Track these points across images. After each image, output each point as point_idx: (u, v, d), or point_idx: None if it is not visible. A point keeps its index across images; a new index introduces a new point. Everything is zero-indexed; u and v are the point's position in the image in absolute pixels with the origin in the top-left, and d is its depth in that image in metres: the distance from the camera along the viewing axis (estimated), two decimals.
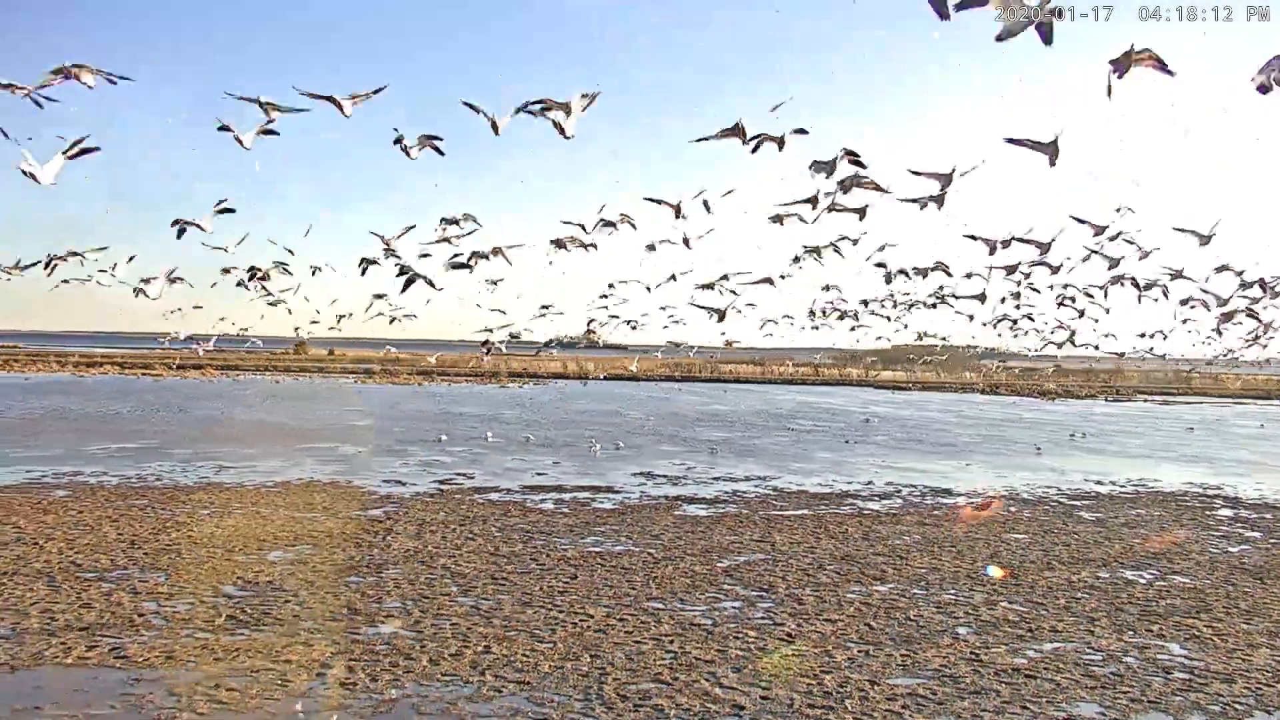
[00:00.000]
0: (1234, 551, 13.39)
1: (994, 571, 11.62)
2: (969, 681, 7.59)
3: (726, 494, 17.13)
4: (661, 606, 9.56)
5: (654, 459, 21.99)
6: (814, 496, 17.12)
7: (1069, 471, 22.00)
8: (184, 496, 15.12)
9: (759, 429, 31.03)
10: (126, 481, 16.58)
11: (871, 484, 18.95)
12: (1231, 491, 19.57)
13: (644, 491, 17.14)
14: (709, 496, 16.77)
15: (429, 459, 20.81)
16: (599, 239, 14.92)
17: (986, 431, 32.72)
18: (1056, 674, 7.85)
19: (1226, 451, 28.30)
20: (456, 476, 18.31)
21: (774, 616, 9.32)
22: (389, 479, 17.72)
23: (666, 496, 16.65)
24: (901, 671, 7.81)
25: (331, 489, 16.33)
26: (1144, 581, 11.36)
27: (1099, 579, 11.40)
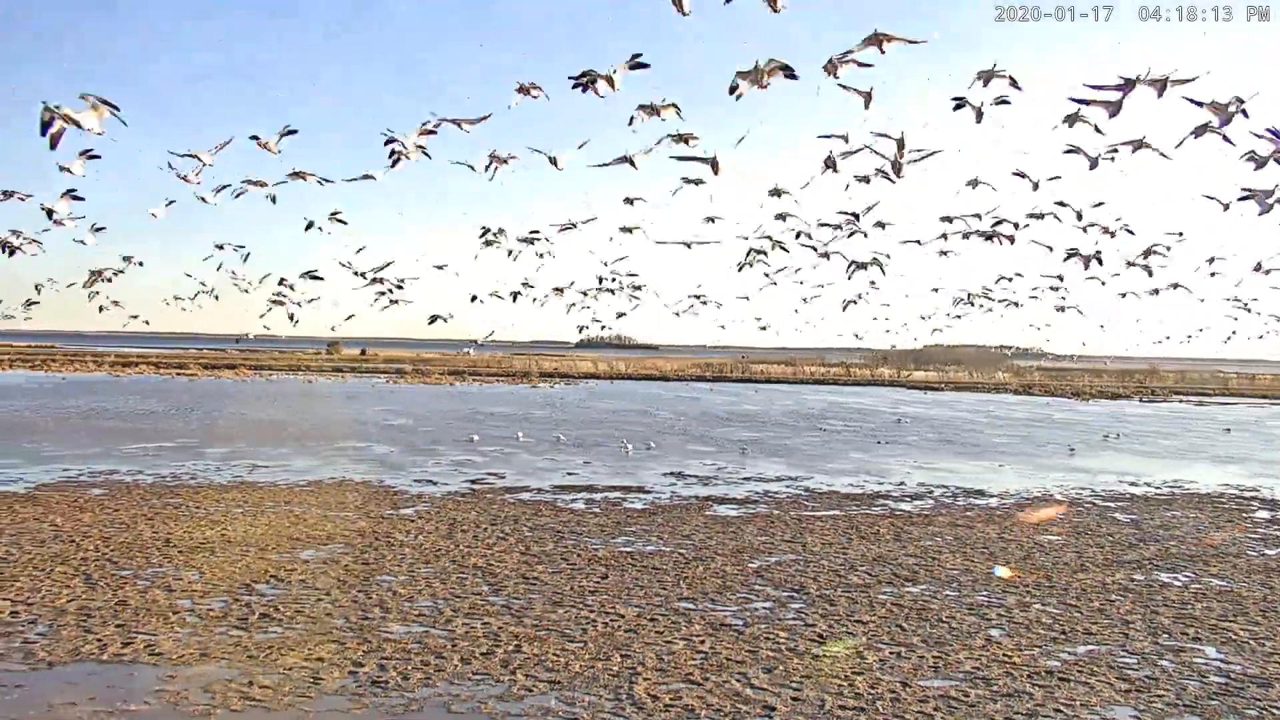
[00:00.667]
0: (1271, 554, 13.16)
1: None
2: (1001, 684, 7.52)
3: (757, 494, 17.09)
4: (692, 607, 9.56)
5: (685, 459, 21.99)
6: (845, 497, 17.04)
7: (1103, 473, 21.73)
8: (218, 495, 15.32)
9: (790, 429, 30.93)
10: (161, 480, 16.82)
11: (903, 485, 18.83)
12: (1269, 493, 19.25)
13: (675, 491, 17.14)
14: (740, 497, 16.74)
15: (460, 458, 20.93)
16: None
17: (1019, 432, 32.40)
18: (1090, 677, 7.76)
19: (1263, 453, 27.85)
20: (488, 476, 18.41)
21: (805, 617, 9.29)
22: (420, 478, 17.85)
23: (697, 496, 16.64)
24: (933, 673, 7.75)
25: (364, 488, 16.47)
26: (1179, 584, 11.20)
27: (1134, 581, 11.25)
